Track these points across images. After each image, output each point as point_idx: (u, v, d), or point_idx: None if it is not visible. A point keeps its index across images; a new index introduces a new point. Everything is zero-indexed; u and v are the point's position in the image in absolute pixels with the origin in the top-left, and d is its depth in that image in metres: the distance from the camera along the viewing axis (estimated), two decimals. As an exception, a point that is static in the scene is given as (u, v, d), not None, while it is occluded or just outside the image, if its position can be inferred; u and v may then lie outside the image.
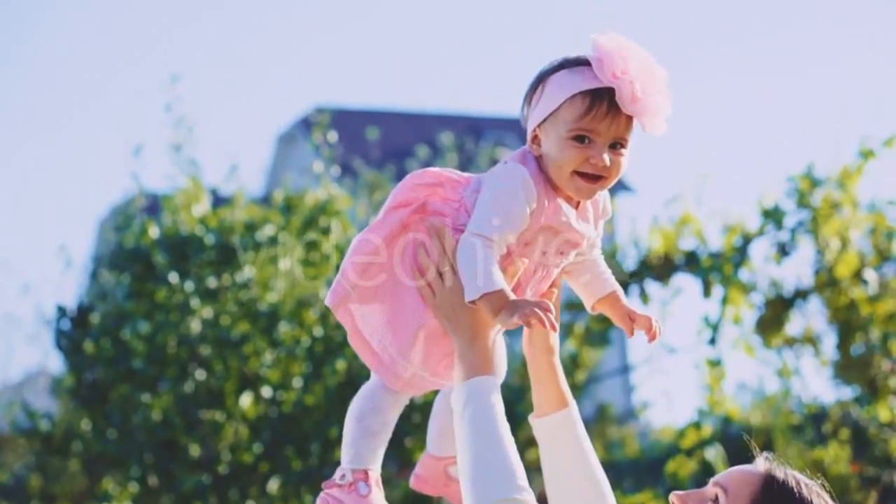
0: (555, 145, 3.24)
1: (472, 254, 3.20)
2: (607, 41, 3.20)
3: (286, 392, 11.58)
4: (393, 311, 3.37)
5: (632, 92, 3.16)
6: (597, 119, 3.19)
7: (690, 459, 10.09)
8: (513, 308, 3.15)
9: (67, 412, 13.71)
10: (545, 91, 3.27)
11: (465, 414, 3.18)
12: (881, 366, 10.32)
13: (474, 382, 3.21)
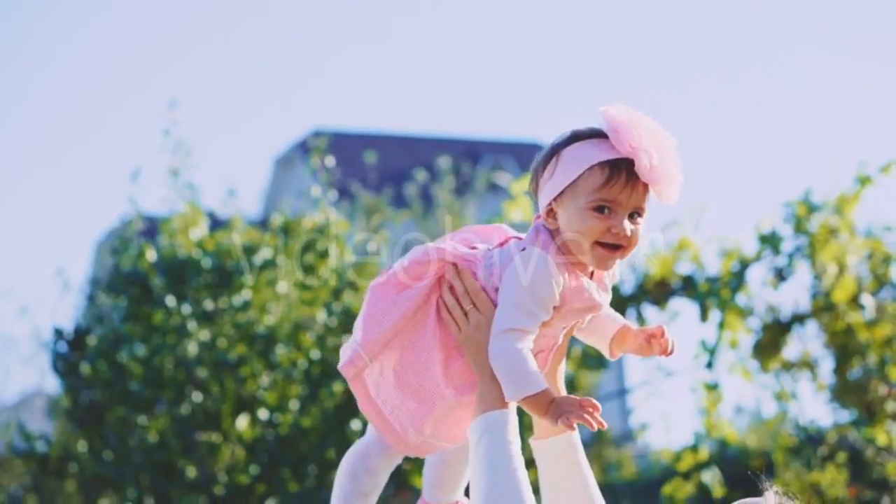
0: (574, 217, 3.24)
1: (508, 353, 3.20)
2: (618, 112, 3.21)
3: (283, 414, 11.57)
4: (406, 381, 3.37)
5: (650, 161, 3.17)
6: (616, 189, 3.21)
7: (687, 482, 10.09)
8: (557, 411, 3.19)
9: (64, 433, 13.71)
10: (560, 164, 3.26)
11: (479, 447, 3.20)
12: (878, 390, 10.34)
13: (491, 416, 3.22)
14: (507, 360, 3.19)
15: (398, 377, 3.37)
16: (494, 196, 26.25)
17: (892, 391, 10.23)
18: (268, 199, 41.70)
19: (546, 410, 3.18)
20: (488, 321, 3.28)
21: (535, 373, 3.20)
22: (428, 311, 3.39)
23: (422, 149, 44.44)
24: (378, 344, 3.34)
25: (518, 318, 3.21)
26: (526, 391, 3.18)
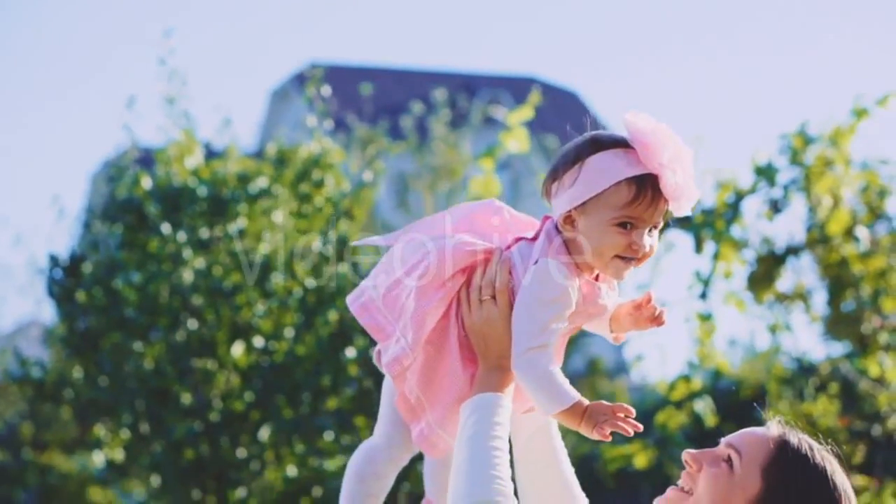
0: (596, 230, 3.23)
1: (538, 371, 3.20)
2: (644, 124, 3.20)
3: (278, 342, 11.62)
4: (428, 376, 3.39)
5: (675, 180, 3.19)
6: (642, 207, 3.21)
7: (680, 411, 10.13)
8: (591, 420, 3.18)
9: (59, 360, 13.75)
10: (584, 173, 3.23)
11: (466, 426, 3.21)
12: (871, 322, 10.36)
13: (484, 397, 3.24)
14: (539, 378, 3.20)
15: (424, 370, 3.38)
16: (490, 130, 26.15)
17: (886, 323, 10.26)
18: (263, 132, 41.63)
19: (581, 420, 3.19)
20: (501, 318, 3.28)
21: (565, 386, 3.21)
22: (452, 308, 3.41)
23: (418, 82, 44.33)
24: (422, 342, 3.34)
25: (542, 336, 3.22)
26: (560, 406, 3.19)
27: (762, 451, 3.12)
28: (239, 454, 11.63)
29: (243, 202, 11.74)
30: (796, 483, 3.09)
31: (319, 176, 12.15)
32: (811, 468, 3.10)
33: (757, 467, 3.10)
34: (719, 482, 3.11)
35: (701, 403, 10.23)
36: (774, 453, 3.12)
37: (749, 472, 3.10)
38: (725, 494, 3.10)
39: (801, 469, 3.10)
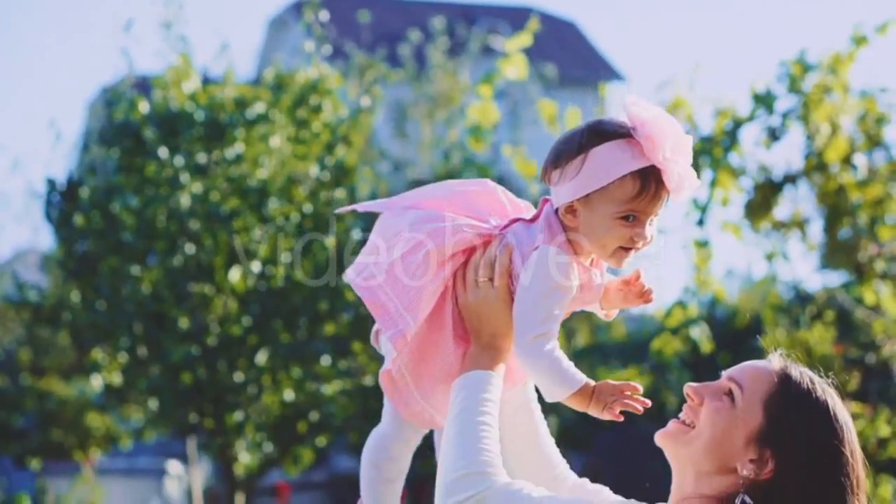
0: (600, 223, 3.23)
1: (544, 358, 3.20)
2: (646, 114, 3.18)
3: (275, 267, 11.63)
4: (421, 350, 3.39)
5: (678, 173, 3.18)
6: (646, 200, 3.20)
7: (676, 338, 10.15)
8: (599, 402, 3.19)
9: (57, 286, 13.78)
10: (588, 164, 3.22)
11: (455, 402, 3.22)
12: (868, 249, 10.37)
13: (474, 375, 3.24)
14: (545, 365, 3.19)
15: (415, 346, 3.38)
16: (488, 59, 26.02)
17: (882, 251, 10.26)
18: (261, 61, 41.40)
19: (589, 403, 3.20)
20: (498, 300, 3.28)
21: (571, 371, 3.20)
22: (448, 286, 3.41)
23: (416, 10, 44.11)
24: (421, 320, 3.34)
25: (546, 323, 3.22)
26: (568, 391, 3.19)
27: (764, 384, 3.11)
28: (236, 378, 11.69)
29: (241, 127, 11.72)
30: (798, 417, 3.09)
31: (317, 101, 12.11)
32: (813, 402, 3.10)
33: (758, 401, 3.09)
34: (721, 415, 3.11)
35: (697, 330, 10.24)
36: (776, 387, 3.12)
37: (750, 405, 3.10)
38: (727, 428, 3.10)
39: (803, 403, 3.09)
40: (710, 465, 3.12)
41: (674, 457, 3.21)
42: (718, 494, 3.11)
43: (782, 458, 3.06)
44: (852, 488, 3.05)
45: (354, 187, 12.13)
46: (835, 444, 3.06)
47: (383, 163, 20.81)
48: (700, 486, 3.14)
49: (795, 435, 3.07)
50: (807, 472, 3.05)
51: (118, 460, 27.23)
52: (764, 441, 3.08)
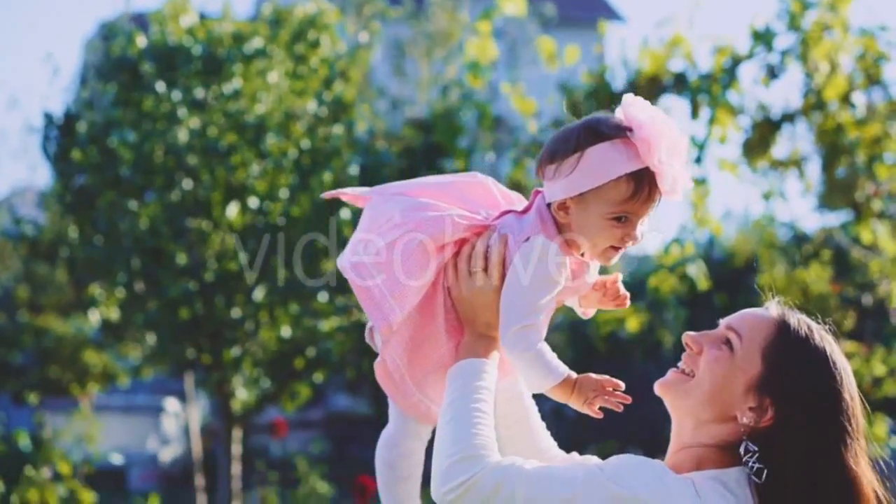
0: (593, 223, 3.24)
1: (528, 349, 3.21)
2: (643, 116, 3.18)
3: (273, 203, 11.63)
4: (414, 340, 3.40)
5: (672, 176, 3.18)
6: (639, 203, 3.21)
7: (672, 275, 10.17)
8: (581, 395, 3.21)
9: (55, 222, 13.78)
10: (584, 163, 3.22)
11: (450, 389, 3.22)
12: (865, 188, 10.37)
13: (468, 363, 3.24)
14: (529, 356, 3.20)
15: (408, 338, 3.38)
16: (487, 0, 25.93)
17: (879, 190, 10.27)
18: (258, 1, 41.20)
19: (570, 395, 3.21)
20: (492, 290, 3.28)
21: (554, 362, 3.21)
22: (439, 276, 3.41)
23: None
24: (409, 308, 3.34)
25: (532, 314, 3.23)
26: (550, 382, 3.20)
27: (762, 332, 3.14)
28: (233, 314, 11.70)
29: (238, 62, 11.67)
30: (796, 364, 3.10)
31: (315, 37, 12.05)
32: (811, 349, 3.11)
33: (757, 349, 3.12)
34: (720, 364, 3.13)
35: (693, 268, 10.26)
36: (774, 335, 3.13)
37: (749, 353, 3.12)
38: (726, 376, 3.12)
39: (801, 350, 3.11)
40: (710, 414, 3.14)
41: (673, 406, 3.23)
42: (718, 443, 3.14)
43: (782, 406, 3.08)
44: (852, 433, 3.07)
45: (352, 123, 12.10)
46: (834, 390, 3.08)
47: (381, 101, 20.72)
48: (699, 434, 3.17)
49: (794, 382, 3.09)
50: (806, 419, 3.06)
51: (116, 398, 27.34)
52: (763, 389, 3.10)
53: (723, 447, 3.13)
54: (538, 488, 2.99)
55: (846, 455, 3.06)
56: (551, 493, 2.98)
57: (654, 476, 3.00)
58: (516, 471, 3.01)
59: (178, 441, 28.53)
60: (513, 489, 2.98)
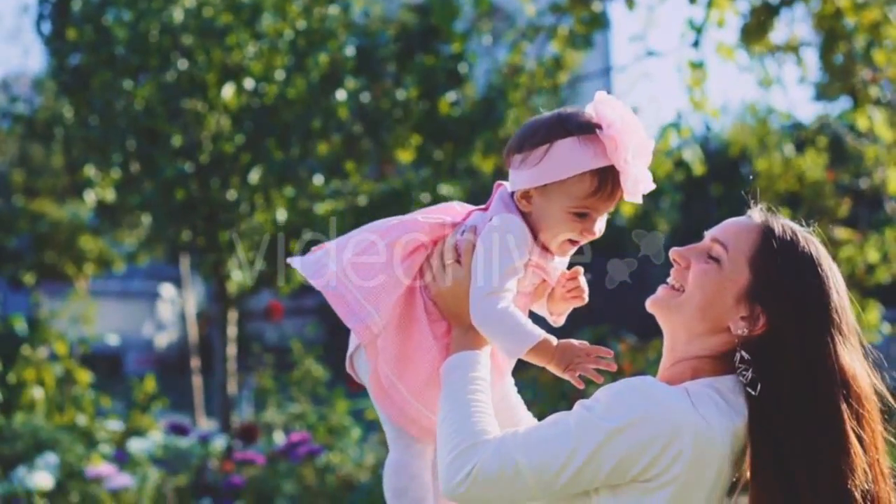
0: (555, 214, 3.28)
1: (498, 314, 3.23)
2: (613, 115, 3.22)
3: (268, 84, 11.57)
4: (403, 352, 3.40)
5: (634, 177, 3.22)
6: (601, 199, 3.24)
7: (669, 159, 10.15)
8: (562, 359, 3.22)
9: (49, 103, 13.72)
10: (550, 155, 3.25)
11: (445, 384, 3.22)
12: (863, 74, 10.32)
13: (459, 356, 3.25)
14: (499, 320, 3.23)
15: (395, 350, 3.38)
16: None
17: (877, 76, 10.22)
18: None
19: (551, 358, 3.23)
20: (469, 278, 3.28)
21: (528, 325, 3.24)
22: (417, 284, 3.43)
23: None
24: (389, 310, 3.36)
25: (498, 282, 3.25)
26: (527, 343, 3.21)
27: (747, 241, 3.17)
28: (229, 196, 11.68)
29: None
30: (783, 269, 3.13)
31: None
32: (797, 253, 3.13)
33: (743, 258, 3.15)
34: (708, 277, 3.16)
35: (689, 152, 10.25)
36: (759, 242, 3.16)
37: (736, 264, 3.15)
38: (716, 288, 3.16)
39: (787, 255, 3.14)
40: (703, 327, 3.19)
41: (665, 321, 3.27)
42: (712, 353, 3.19)
43: (773, 312, 3.12)
44: (844, 331, 3.12)
45: (349, 4, 12.02)
46: (822, 292, 3.12)
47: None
48: (693, 347, 3.22)
49: (783, 287, 3.12)
50: (797, 322, 3.10)
51: (111, 283, 27.46)
52: (753, 297, 3.14)
53: (717, 357, 3.19)
54: (538, 452, 3.03)
55: (839, 354, 3.09)
56: (552, 452, 3.02)
57: (643, 397, 3.03)
58: (513, 444, 3.05)
59: (173, 326, 28.70)
60: (516, 464, 3.03)
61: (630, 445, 2.98)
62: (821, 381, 3.08)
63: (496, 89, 12.36)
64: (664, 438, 2.98)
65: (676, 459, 2.98)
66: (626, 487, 3.03)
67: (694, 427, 3.00)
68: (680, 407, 3.02)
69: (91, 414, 12.39)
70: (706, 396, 3.07)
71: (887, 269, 11.44)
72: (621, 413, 3.00)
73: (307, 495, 9.91)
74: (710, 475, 3.04)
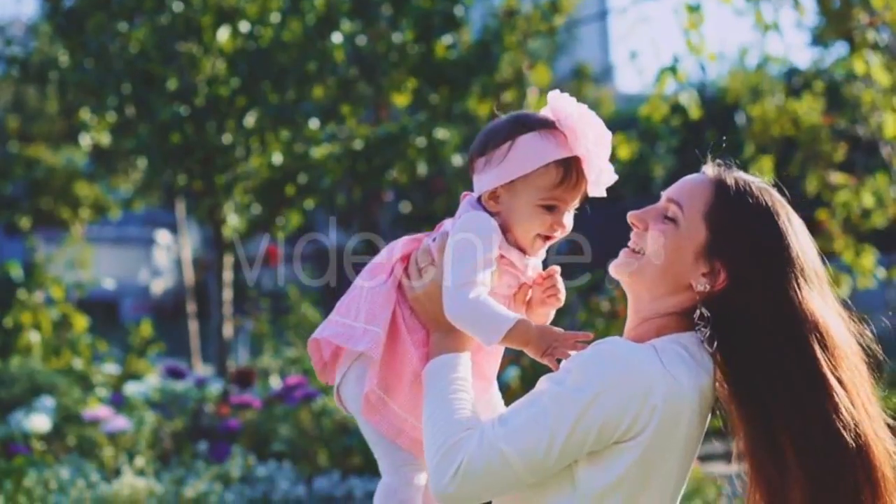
0: (523, 209, 3.30)
1: (469, 303, 3.22)
2: (570, 108, 3.26)
3: (264, 27, 11.53)
4: (388, 366, 3.40)
5: (598, 166, 3.25)
6: (567, 189, 3.27)
7: (665, 102, 10.12)
8: (540, 343, 3.22)
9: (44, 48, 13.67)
10: (514, 151, 3.28)
11: (426, 387, 3.23)
12: (860, 19, 10.29)
13: (439, 360, 3.25)
14: (471, 309, 3.22)
15: (382, 365, 3.39)
16: None
17: (874, 19, 10.18)
18: None
19: (528, 341, 3.22)
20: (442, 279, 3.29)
21: (502, 310, 3.23)
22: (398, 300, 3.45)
23: None
24: (387, 325, 3.38)
25: (469, 274, 3.25)
26: (503, 327, 3.20)
27: (701, 198, 3.17)
28: (224, 140, 11.66)
29: None
30: (738, 222, 3.15)
31: None
32: (750, 205, 3.14)
33: (699, 215, 3.15)
34: (666, 237, 3.17)
35: (686, 95, 10.22)
36: (713, 198, 3.16)
37: (692, 221, 3.16)
38: (675, 247, 3.17)
39: (741, 207, 3.15)
40: (665, 287, 3.20)
41: (629, 284, 3.28)
42: (677, 311, 3.20)
43: (732, 265, 3.13)
44: (806, 278, 3.11)
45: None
46: (779, 239, 3.12)
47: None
48: (657, 307, 3.22)
49: (739, 239, 3.13)
50: (756, 272, 3.11)
51: (107, 229, 27.45)
52: (712, 253, 3.14)
53: (682, 314, 3.20)
54: (521, 438, 3.03)
55: (805, 298, 3.10)
56: (535, 435, 3.02)
57: (612, 360, 3.04)
58: (495, 435, 3.05)
59: (169, 273, 28.74)
60: (501, 454, 3.03)
61: (608, 409, 2.99)
62: (788, 327, 3.09)
63: (492, 32, 12.31)
64: (640, 396, 2.99)
65: (653, 414, 3.00)
66: (604, 451, 3.05)
67: (665, 384, 3.02)
68: (650, 364, 3.04)
69: (88, 358, 12.43)
70: (674, 353, 3.09)
71: (883, 214, 11.44)
72: (593, 381, 3.01)
73: (303, 439, 9.95)
74: (680, 433, 3.06)
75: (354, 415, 3.49)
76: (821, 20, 11.49)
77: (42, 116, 23.99)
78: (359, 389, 3.42)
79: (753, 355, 3.11)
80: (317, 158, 12.00)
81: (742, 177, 3.21)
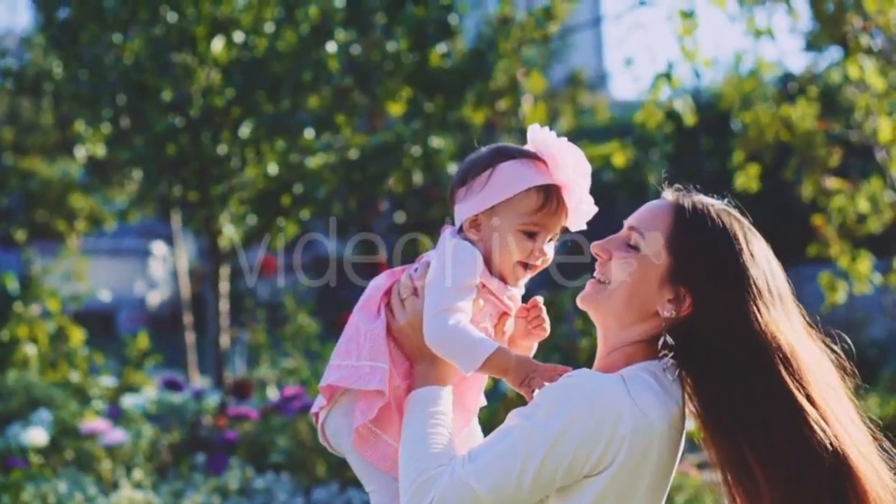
0: (504, 236, 3.30)
1: (449, 330, 3.22)
2: (550, 139, 3.28)
3: (258, 37, 11.53)
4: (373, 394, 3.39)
5: (578, 194, 3.27)
6: (548, 215, 3.29)
7: (659, 109, 10.12)
8: (518, 372, 3.21)
9: (39, 59, 13.65)
10: (494, 177, 3.29)
11: (405, 419, 3.24)
12: (854, 23, 10.28)
13: (420, 392, 3.26)
14: (450, 335, 3.22)
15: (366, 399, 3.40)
16: None
17: (867, 24, 10.18)
18: None
19: (507, 369, 3.22)
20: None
21: (482, 338, 3.23)
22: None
23: None
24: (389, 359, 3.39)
25: (449, 298, 3.25)
26: (482, 354, 3.20)
27: (662, 224, 3.18)
28: (220, 151, 11.66)
29: None
30: (697, 246, 3.16)
31: None
32: (708, 228, 3.15)
33: (660, 242, 3.16)
34: (630, 265, 3.18)
35: (680, 102, 10.22)
36: (672, 224, 3.18)
37: (654, 248, 3.17)
38: (638, 276, 3.17)
39: (699, 231, 3.16)
40: (632, 316, 3.20)
41: (596, 315, 3.28)
42: (645, 338, 3.20)
43: (695, 290, 3.14)
44: (765, 300, 3.11)
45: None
46: (737, 262, 3.12)
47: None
48: (625, 335, 3.22)
49: (699, 264, 3.14)
50: (717, 295, 3.12)
51: (103, 241, 27.41)
52: (675, 279, 3.15)
53: (650, 341, 3.20)
54: (491, 475, 3.03)
55: (766, 321, 3.10)
56: (504, 471, 3.02)
57: (580, 392, 3.04)
58: (464, 472, 3.05)
59: (165, 284, 28.71)
60: (472, 491, 3.03)
61: (577, 443, 3.00)
62: (750, 349, 3.09)
63: (486, 40, 12.35)
64: (608, 428, 3.00)
65: (622, 444, 3.00)
66: (574, 486, 3.05)
67: (633, 415, 3.02)
68: (618, 396, 3.04)
69: (84, 370, 12.41)
70: (642, 382, 3.10)
71: (878, 219, 11.45)
72: (562, 414, 3.01)
73: (301, 450, 9.94)
74: (650, 462, 3.07)
75: (343, 451, 3.46)
76: (814, 25, 11.49)
77: (37, 128, 23.98)
78: (345, 423, 3.40)
79: (718, 379, 3.12)
80: (312, 168, 12.00)
81: (701, 200, 3.23)
